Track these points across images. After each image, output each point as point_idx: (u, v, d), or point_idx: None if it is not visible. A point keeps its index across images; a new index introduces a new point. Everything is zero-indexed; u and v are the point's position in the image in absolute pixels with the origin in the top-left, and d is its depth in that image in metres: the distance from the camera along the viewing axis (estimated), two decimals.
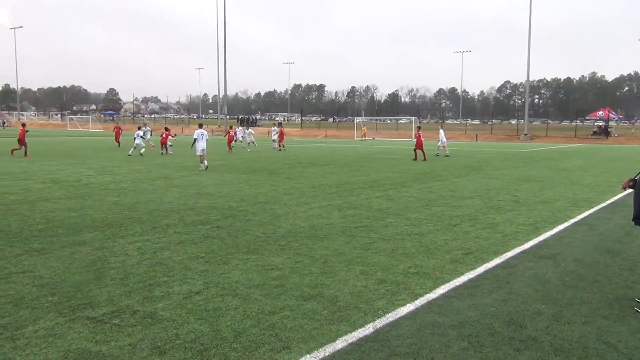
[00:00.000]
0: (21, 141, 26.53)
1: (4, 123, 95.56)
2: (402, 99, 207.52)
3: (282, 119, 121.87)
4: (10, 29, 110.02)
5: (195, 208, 11.27)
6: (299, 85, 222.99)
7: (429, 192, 14.32)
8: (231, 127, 36.06)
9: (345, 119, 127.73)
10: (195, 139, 21.14)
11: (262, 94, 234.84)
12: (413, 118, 76.75)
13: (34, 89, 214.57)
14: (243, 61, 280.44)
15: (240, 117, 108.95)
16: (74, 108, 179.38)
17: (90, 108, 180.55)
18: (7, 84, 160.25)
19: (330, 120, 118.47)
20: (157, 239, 8.34)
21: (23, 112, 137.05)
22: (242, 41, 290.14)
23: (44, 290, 5.78)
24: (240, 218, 10.21)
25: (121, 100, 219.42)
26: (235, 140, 35.21)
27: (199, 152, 20.76)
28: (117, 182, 15.95)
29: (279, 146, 35.52)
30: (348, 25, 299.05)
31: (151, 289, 5.88)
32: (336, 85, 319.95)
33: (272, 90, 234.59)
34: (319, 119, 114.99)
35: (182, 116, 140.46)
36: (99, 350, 4.30)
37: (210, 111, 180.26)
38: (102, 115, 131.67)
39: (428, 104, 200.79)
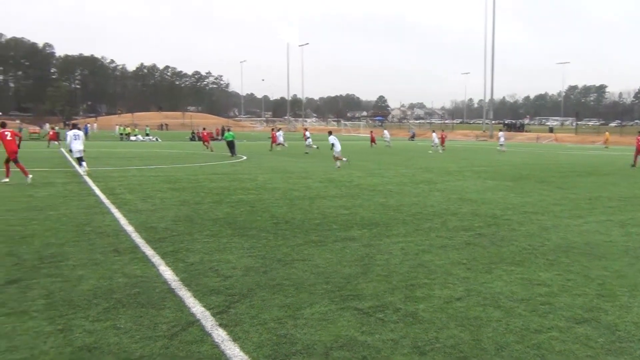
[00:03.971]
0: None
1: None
2: None
3: (555, 123, 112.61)
4: (299, 46, 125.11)
5: (457, 213, 11.21)
6: (574, 87, 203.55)
7: None
8: (273, 130, 39.62)
9: (631, 123, 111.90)
10: (333, 144, 23.08)
11: (532, 97, 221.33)
12: None
13: (316, 98, 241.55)
14: (511, 64, 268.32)
15: (505, 122, 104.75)
16: (348, 114, 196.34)
17: (362, 114, 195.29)
18: (294, 94, 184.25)
19: (613, 124, 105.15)
20: (420, 241, 8.55)
21: (306, 119, 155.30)
22: (509, 43, 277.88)
23: (320, 278, 6.43)
24: (505, 227, 9.79)
25: (389, 107, 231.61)
26: (277, 143, 37.93)
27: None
28: (384, 184, 16.84)
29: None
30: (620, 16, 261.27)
31: (413, 289, 6.05)
32: (621, 85, 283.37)
33: (542, 93, 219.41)
34: (597, 123, 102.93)
35: (447, 121, 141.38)
36: (365, 341, 4.60)
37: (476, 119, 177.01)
38: (370, 121, 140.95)
39: None
